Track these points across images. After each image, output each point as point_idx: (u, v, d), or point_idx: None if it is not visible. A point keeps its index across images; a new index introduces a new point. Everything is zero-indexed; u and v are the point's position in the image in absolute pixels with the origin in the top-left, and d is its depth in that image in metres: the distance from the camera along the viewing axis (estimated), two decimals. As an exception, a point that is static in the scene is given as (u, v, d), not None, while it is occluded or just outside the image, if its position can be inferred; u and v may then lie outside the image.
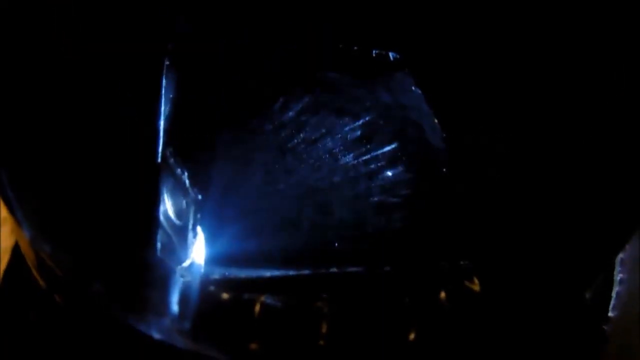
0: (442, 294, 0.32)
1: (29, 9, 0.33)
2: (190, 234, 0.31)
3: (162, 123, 0.32)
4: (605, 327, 0.35)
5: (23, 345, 0.39)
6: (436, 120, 0.33)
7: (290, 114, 0.33)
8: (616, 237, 0.33)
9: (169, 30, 0.33)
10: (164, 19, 0.33)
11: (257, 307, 0.30)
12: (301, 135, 0.33)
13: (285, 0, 0.33)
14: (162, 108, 0.32)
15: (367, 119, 0.33)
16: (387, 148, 0.33)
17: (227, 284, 0.31)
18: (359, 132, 0.33)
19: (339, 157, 0.33)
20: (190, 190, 0.32)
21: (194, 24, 0.33)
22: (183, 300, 0.30)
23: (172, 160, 0.32)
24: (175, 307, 0.30)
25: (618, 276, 0.36)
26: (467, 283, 0.32)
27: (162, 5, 0.33)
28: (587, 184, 0.32)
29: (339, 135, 0.33)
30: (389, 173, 0.33)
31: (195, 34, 0.33)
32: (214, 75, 0.33)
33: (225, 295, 0.31)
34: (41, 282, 0.35)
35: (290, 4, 0.33)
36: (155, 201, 0.31)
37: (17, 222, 0.31)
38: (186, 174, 0.32)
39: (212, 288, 0.31)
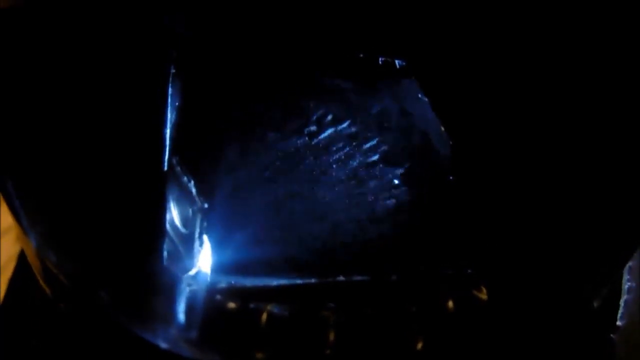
0: (449, 303, 0.32)
1: (34, 21, 0.33)
2: (197, 243, 0.31)
3: (168, 131, 0.32)
4: (613, 336, 0.35)
5: (29, 354, 0.39)
6: (442, 128, 0.33)
7: (296, 122, 0.33)
8: (624, 245, 0.32)
9: (174, 37, 0.33)
10: (170, 26, 0.33)
11: (264, 316, 0.30)
12: (306, 143, 0.33)
13: (290, 9, 0.33)
14: (169, 116, 0.32)
15: (372, 126, 0.33)
16: (393, 156, 0.33)
17: (233, 292, 0.31)
18: (364, 141, 0.33)
19: (344, 164, 0.33)
20: (196, 198, 0.32)
21: (199, 31, 0.33)
22: (189, 309, 0.30)
23: (178, 169, 0.32)
24: (181, 315, 0.30)
25: (626, 284, 0.36)
26: (474, 291, 0.32)
27: (166, 12, 0.33)
28: (595, 191, 0.32)
29: (344, 144, 0.33)
30: (395, 181, 0.33)
31: (201, 41, 0.33)
32: (219, 83, 0.33)
33: (231, 304, 0.31)
34: (47, 290, 0.35)
35: (296, 12, 0.33)
36: (162, 210, 0.31)
37: (23, 230, 0.31)
38: (192, 182, 0.32)
39: (218, 297, 0.31)
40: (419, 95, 0.33)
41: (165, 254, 0.31)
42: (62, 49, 0.33)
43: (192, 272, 0.31)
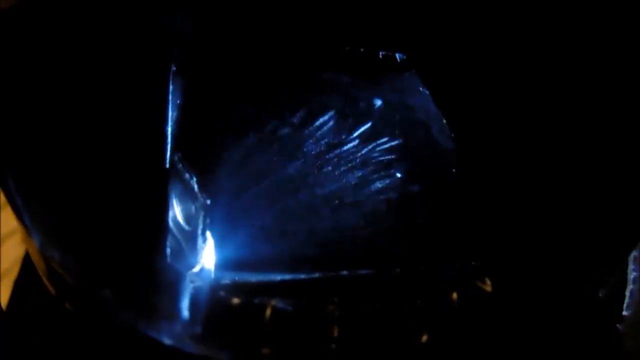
0: (454, 295, 0.31)
1: (35, 21, 0.33)
2: (200, 239, 0.31)
3: (169, 129, 0.32)
4: (619, 326, 0.35)
5: (35, 353, 0.39)
6: (444, 121, 0.33)
7: (297, 116, 0.33)
8: (629, 234, 0.32)
9: (175, 35, 0.33)
10: (169, 25, 0.33)
11: (268, 311, 0.30)
12: (308, 138, 0.33)
13: (290, 4, 0.33)
14: (170, 114, 0.32)
15: (374, 120, 0.33)
16: (395, 149, 0.33)
17: (237, 288, 0.31)
18: (366, 134, 0.33)
19: (347, 159, 0.33)
20: (199, 195, 0.31)
21: (199, 28, 0.33)
22: (193, 306, 0.30)
23: (180, 166, 0.32)
24: (185, 312, 0.30)
25: (632, 275, 0.36)
26: (478, 284, 0.32)
27: (167, 11, 0.33)
28: (600, 181, 0.32)
29: (346, 138, 0.33)
30: (398, 174, 0.33)
31: (201, 39, 0.33)
32: (221, 80, 0.33)
33: (235, 300, 0.31)
34: (51, 290, 0.35)
35: (296, 6, 0.33)
36: (164, 207, 0.31)
37: (26, 229, 0.31)
38: (194, 179, 0.32)
39: (222, 293, 0.31)
40: (420, 89, 0.33)
41: (168, 251, 0.31)
42: (64, 47, 0.33)
43: (196, 268, 0.31)
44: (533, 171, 0.32)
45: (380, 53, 0.33)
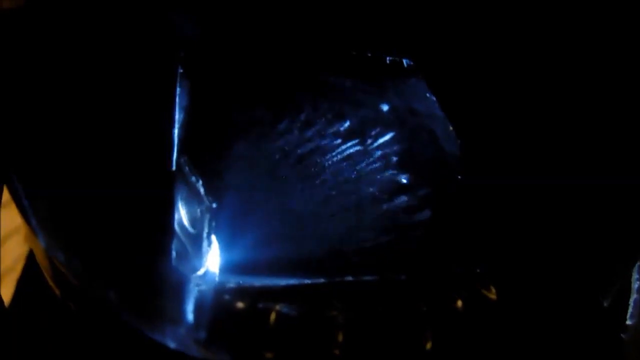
0: (458, 302, 0.31)
1: (41, 21, 0.33)
2: (205, 243, 0.31)
3: (176, 131, 0.32)
4: (623, 335, 0.35)
5: (37, 353, 0.39)
6: (450, 127, 0.33)
7: (303, 120, 0.33)
8: (634, 244, 0.32)
9: (181, 38, 0.33)
10: (175, 27, 0.33)
11: (272, 316, 0.30)
12: (315, 143, 0.33)
13: (298, 8, 0.33)
14: (176, 116, 0.32)
15: (380, 126, 0.33)
16: (400, 155, 0.33)
17: (242, 292, 0.31)
18: (371, 139, 0.33)
19: (353, 164, 0.33)
20: (204, 198, 0.31)
21: (206, 31, 0.33)
22: (198, 309, 0.30)
23: (186, 169, 0.32)
24: (190, 316, 0.30)
25: (636, 284, 0.36)
26: (483, 290, 0.32)
27: (173, 13, 0.33)
28: (605, 189, 0.32)
29: (353, 143, 0.33)
30: (403, 180, 0.33)
31: (208, 41, 0.33)
32: (227, 83, 0.33)
33: (240, 304, 0.31)
34: (55, 290, 0.35)
35: (303, 11, 0.33)
36: (170, 209, 0.31)
37: (32, 230, 0.31)
38: (200, 182, 0.32)
39: (227, 297, 0.31)
40: (427, 94, 0.33)
41: (173, 253, 0.31)
42: (69, 48, 0.33)
43: (201, 272, 0.31)
44: (539, 178, 0.32)
45: (387, 58, 0.33)
